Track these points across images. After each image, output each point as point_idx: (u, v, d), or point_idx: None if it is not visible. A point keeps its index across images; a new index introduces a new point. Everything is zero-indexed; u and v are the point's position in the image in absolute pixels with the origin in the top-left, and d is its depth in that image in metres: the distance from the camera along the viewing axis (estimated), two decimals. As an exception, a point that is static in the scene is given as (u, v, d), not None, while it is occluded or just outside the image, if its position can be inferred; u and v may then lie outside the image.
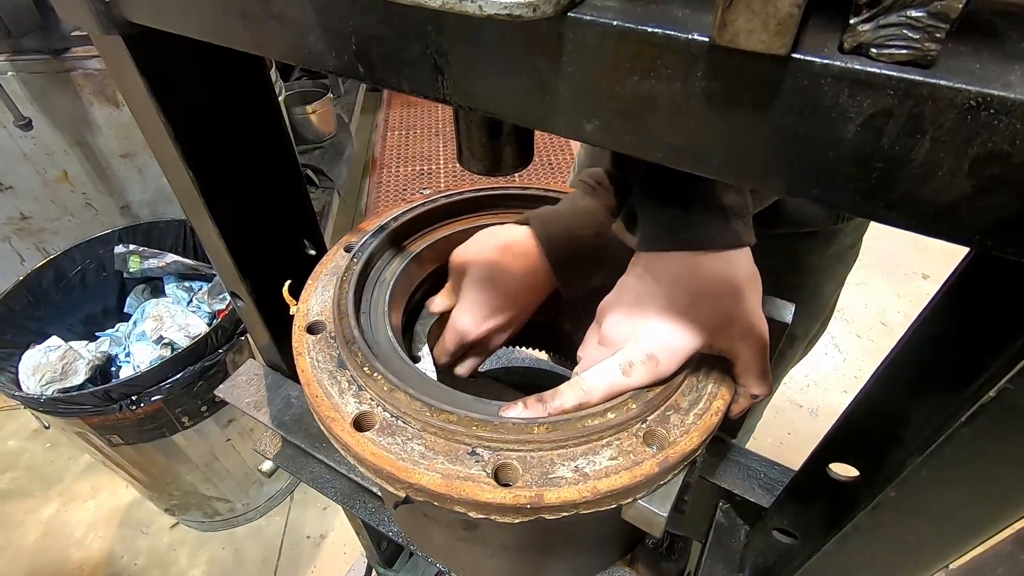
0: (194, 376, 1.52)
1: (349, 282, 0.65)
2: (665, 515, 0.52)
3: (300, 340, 0.60)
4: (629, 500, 0.51)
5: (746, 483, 0.77)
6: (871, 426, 0.47)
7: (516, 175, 0.57)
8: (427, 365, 0.70)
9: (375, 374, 0.55)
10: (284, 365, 0.92)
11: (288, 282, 0.71)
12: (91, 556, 2.15)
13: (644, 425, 0.53)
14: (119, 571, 2.09)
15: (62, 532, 2.22)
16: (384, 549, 1.28)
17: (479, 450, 0.50)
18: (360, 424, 0.53)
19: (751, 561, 0.74)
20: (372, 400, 0.54)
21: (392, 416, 0.53)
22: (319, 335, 0.61)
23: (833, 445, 0.52)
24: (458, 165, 0.52)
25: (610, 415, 0.52)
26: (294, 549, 2.12)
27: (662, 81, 0.30)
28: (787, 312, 0.73)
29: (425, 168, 3.58)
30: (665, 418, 0.54)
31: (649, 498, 0.52)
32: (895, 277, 3.02)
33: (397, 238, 0.73)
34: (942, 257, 3.06)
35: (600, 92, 0.32)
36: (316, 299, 0.66)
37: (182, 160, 0.62)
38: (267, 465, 1.07)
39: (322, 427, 0.55)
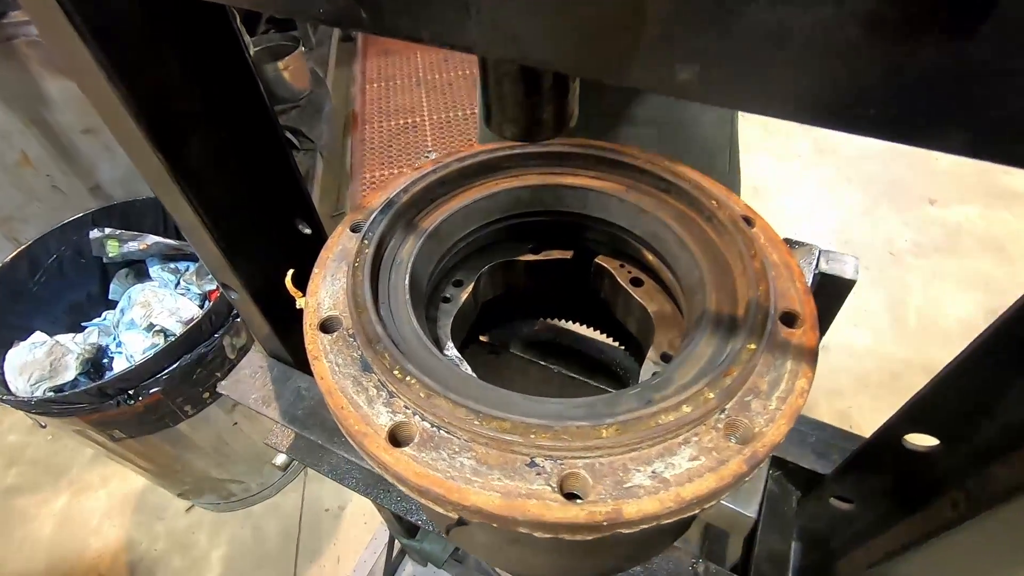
0: (191, 364, 1.44)
1: (363, 268, 0.56)
2: (754, 516, 0.46)
3: (314, 341, 0.52)
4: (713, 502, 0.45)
5: (799, 449, 0.73)
6: (961, 397, 0.44)
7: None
8: (453, 354, 0.63)
9: (407, 377, 0.48)
10: (289, 356, 0.85)
11: (291, 271, 0.63)
12: (109, 544, 2.13)
13: (723, 415, 0.46)
14: (139, 557, 2.09)
15: (77, 523, 2.20)
16: (405, 522, 1.26)
17: (539, 460, 0.44)
18: (396, 438, 0.46)
19: (802, 527, 0.71)
20: (407, 408, 0.47)
21: (433, 426, 0.46)
22: (335, 333, 0.53)
23: (913, 415, 0.49)
24: (443, 117, 0.42)
25: (685, 408, 0.45)
26: (314, 522, 2.12)
27: (799, 6, 0.21)
28: (850, 267, 0.67)
29: (410, 121, 3.40)
30: (745, 405, 0.47)
31: (732, 497, 0.46)
32: (901, 203, 2.95)
33: (409, 212, 0.64)
34: (950, 181, 2.99)
35: (703, 25, 0.24)
36: (326, 290, 0.57)
37: (146, 138, 0.52)
38: (280, 459, 1.02)
39: (352, 443, 0.48)
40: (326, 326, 0.54)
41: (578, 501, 0.42)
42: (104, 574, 2.06)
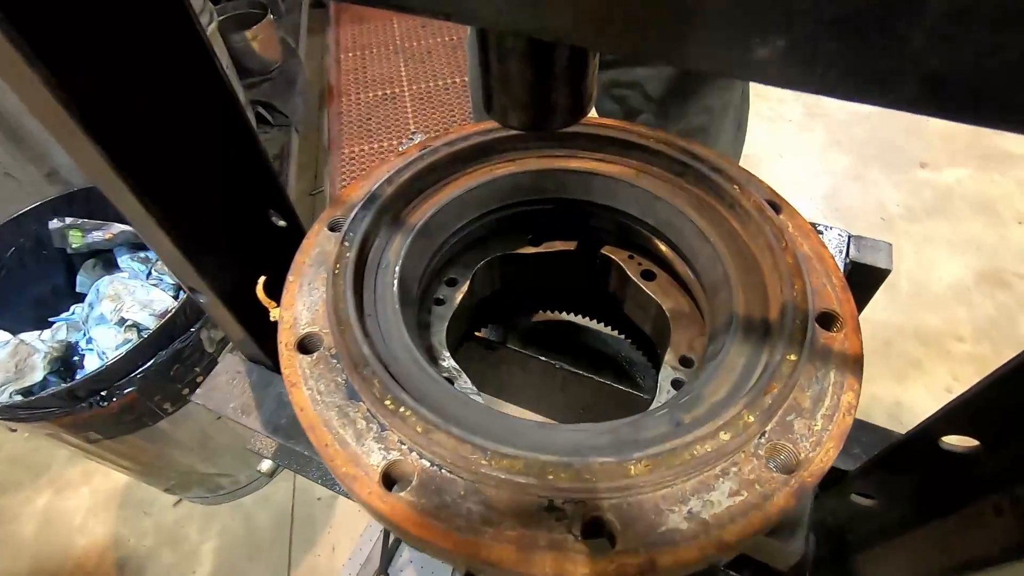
0: (168, 361, 1.36)
1: (344, 275, 0.49)
2: (800, 550, 0.41)
3: (292, 364, 0.46)
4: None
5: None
6: (1010, 401, 0.41)
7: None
8: (450, 365, 0.57)
9: (402, 408, 0.41)
10: (269, 359, 0.78)
11: (262, 279, 0.55)
12: (96, 541, 2.07)
13: (763, 440, 0.40)
14: (128, 554, 2.03)
15: (60, 521, 2.13)
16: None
17: (558, 503, 0.38)
18: (391, 479, 0.40)
19: (818, 520, 0.68)
20: (402, 444, 0.41)
21: (433, 465, 0.40)
22: (315, 355, 0.46)
23: (954, 417, 0.46)
24: (424, 87, 0.35)
25: (723, 436, 0.39)
26: (306, 511, 2.07)
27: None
28: (884, 255, 0.61)
29: (388, 92, 3.25)
30: (787, 426, 0.41)
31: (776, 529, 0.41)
32: (893, 166, 2.90)
33: (395, 206, 0.57)
34: (941, 142, 2.94)
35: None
36: (303, 302, 0.50)
37: (80, 127, 0.44)
38: (266, 464, 0.96)
39: (342, 486, 0.41)
40: (304, 345, 0.47)
41: (602, 544, 0.37)
42: (92, 572, 2.01)
